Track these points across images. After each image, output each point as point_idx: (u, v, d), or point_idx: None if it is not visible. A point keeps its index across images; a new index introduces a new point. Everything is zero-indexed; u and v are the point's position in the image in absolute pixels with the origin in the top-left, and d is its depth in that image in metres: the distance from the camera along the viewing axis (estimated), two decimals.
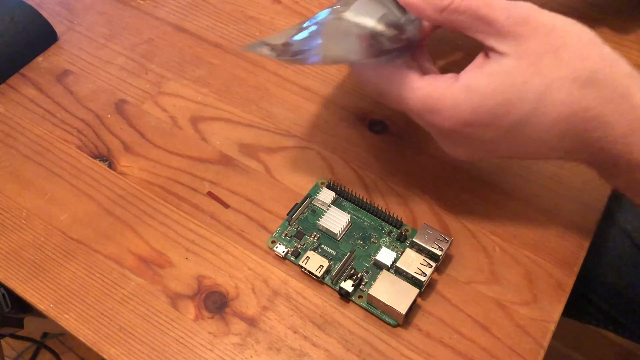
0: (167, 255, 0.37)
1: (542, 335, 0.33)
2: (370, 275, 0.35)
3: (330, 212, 0.37)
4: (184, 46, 0.49)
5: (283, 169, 0.40)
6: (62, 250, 0.38)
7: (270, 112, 0.44)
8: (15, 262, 0.37)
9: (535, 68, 0.28)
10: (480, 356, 0.32)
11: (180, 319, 0.34)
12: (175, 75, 0.47)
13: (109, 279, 0.36)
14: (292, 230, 0.37)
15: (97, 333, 0.34)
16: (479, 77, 0.29)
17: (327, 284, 0.35)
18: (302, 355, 0.33)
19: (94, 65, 0.48)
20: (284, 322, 0.34)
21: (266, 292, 0.35)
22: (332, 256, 0.36)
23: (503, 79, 0.28)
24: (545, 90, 0.28)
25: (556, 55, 0.28)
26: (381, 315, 0.33)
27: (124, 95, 0.46)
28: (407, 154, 0.41)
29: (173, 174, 0.41)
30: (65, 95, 0.46)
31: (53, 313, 0.35)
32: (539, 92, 0.28)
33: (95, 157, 0.42)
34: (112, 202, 0.40)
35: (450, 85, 0.30)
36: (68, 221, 0.39)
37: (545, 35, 0.28)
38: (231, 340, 0.33)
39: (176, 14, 0.51)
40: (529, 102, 0.28)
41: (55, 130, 0.44)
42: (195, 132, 0.43)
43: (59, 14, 0.52)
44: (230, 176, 0.40)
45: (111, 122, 0.44)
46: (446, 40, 0.47)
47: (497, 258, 0.36)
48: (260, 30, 0.49)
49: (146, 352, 0.33)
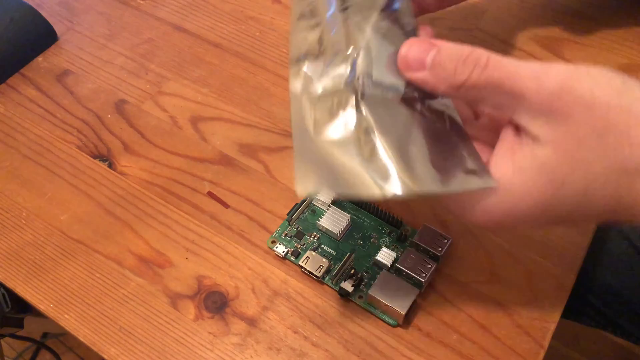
0: (167, 255, 0.37)
1: (542, 335, 0.33)
2: (370, 275, 0.35)
3: (330, 212, 0.37)
4: (184, 46, 0.49)
5: (283, 169, 0.40)
6: (62, 250, 0.38)
7: (270, 112, 0.44)
8: (15, 262, 0.37)
9: (575, 161, 0.23)
10: (480, 356, 0.32)
11: (180, 319, 0.34)
12: (175, 75, 0.47)
13: (109, 279, 0.36)
14: (292, 230, 0.37)
15: (97, 333, 0.34)
16: (512, 174, 0.25)
17: (327, 284, 0.35)
18: (302, 355, 0.33)
19: (94, 65, 0.48)
20: (284, 322, 0.34)
21: (266, 292, 0.35)
22: (332, 256, 0.36)
23: (539, 178, 0.24)
24: (587, 188, 0.23)
25: (600, 140, 0.23)
26: (381, 315, 0.33)
27: (124, 95, 0.46)
28: None
29: (173, 174, 0.41)
30: (65, 95, 0.46)
31: (53, 313, 0.35)
32: (581, 192, 0.24)
33: (95, 157, 0.42)
34: (112, 202, 0.40)
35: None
36: (68, 221, 0.39)
37: (584, 113, 0.23)
38: (231, 340, 0.33)
39: (176, 14, 0.51)
40: (570, 205, 0.24)
41: (55, 130, 0.44)
42: (195, 132, 0.43)
43: (58, 14, 0.52)
44: (230, 176, 0.40)
45: (111, 122, 0.44)
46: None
47: (497, 258, 0.36)
48: (261, 30, 0.49)
49: (146, 352, 0.33)
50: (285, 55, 0.47)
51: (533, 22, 0.48)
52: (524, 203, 0.25)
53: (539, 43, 0.46)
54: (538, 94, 0.23)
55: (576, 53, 0.45)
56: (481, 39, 0.47)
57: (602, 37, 0.46)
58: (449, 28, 0.48)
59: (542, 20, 0.48)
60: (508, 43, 0.47)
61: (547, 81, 0.23)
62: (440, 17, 0.49)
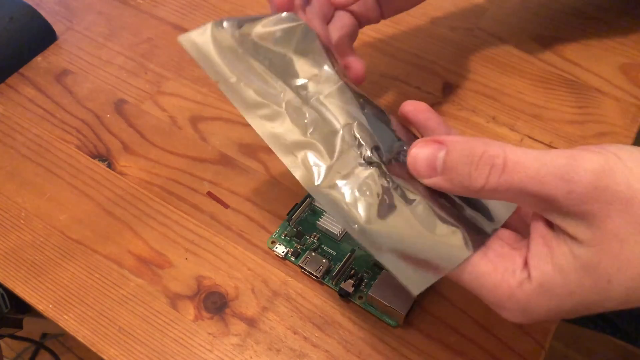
0: (166, 256, 0.37)
1: (542, 335, 0.33)
2: (370, 275, 0.35)
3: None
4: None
5: (283, 169, 0.40)
6: (62, 250, 0.37)
7: None
8: (15, 262, 0.37)
9: (619, 260, 0.22)
10: (480, 356, 0.32)
11: (180, 319, 0.34)
12: (174, 74, 0.47)
13: (108, 280, 0.36)
14: (292, 231, 0.37)
15: (97, 333, 0.34)
16: (553, 275, 0.23)
17: (327, 285, 0.35)
18: (302, 355, 0.33)
19: (93, 65, 0.48)
20: (284, 323, 0.34)
21: (266, 292, 0.35)
22: (332, 256, 0.36)
23: (582, 279, 0.22)
24: (633, 283, 0.22)
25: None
26: (381, 315, 0.33)
27: (123, 95, 0.46)
28: None
29: (172, 174, 0.41)
30: (65, 95, 0.46)
31: (52, 313, 0.35)
32: (627, 288, 0.22)
33: (94, 157, 0.42)
34: (112, 202, 0.39)
35: (521, 284, 0.24)
36: (67, 221, 0.39)
37: (624, 211, 0.21)
38: (231, 341, 0.33)
39: (176, 14, 0.51)
40: (615, 300, 0.23)
41: (55, 130, 0.44)
42: (194, 132, 0.43)
43: (58, 14, 0.52)
44: (230, 176, 0.40)
45: (110, 121, 0.44)
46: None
47: None
48: None
49: (145, 353, 0.33)
50: None
51: (533, 21, 0.48)
52: (570, 302, 0.23)
53: (539, 43, 0.46)
54: (570, 197, 0.21)
55: (576, 53, 0.45)
56: (481, 38, 0.47)
57: (602, 37, 0.46)
58: (449, 28, 0.48)
59: (542, 19, 0.48)
60: (508, 42, 0.47)
61: (579, 182, 0.21)
62: (440, 17, 0.49)
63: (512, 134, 0.41)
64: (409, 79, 0.45)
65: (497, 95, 0.44)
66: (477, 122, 0.42)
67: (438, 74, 0.45)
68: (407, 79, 0.45)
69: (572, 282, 0.22)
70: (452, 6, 0.50)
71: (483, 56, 0.46)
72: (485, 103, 0.43)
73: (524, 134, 0.41)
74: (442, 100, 0.43)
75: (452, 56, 0.46)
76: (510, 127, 0.42)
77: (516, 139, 0.41)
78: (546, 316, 0.24)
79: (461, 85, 0.44)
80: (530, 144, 0.40)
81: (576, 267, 0.22)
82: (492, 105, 0.43)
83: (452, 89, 0.44)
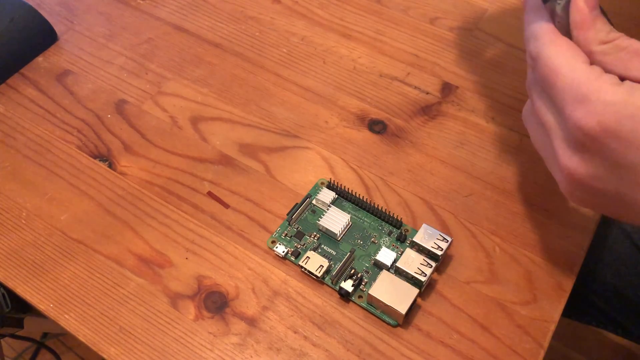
0: (167, 255, 0.37)
1: (542, 335, 0.33)
2: (370, 275, 0.35)
3: (330, 212, 0.37)
4: (184, 46, 0.49)
5: (283, 169, 0.40)
6: (62, 250, 0.38)
7: (270, 112, 0.44)
8: (15, 262, 0.37)
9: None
10: (480, 356, 0.32)
11: (180, 319, 0.34)
12: (175, 75, 0.47)
13: (109, 279, 0.36)
14: (292, 230, 0.37)
15: (97, 333, 0.34)
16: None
17: (327, 284, 0.35)
18: (302, 355, 0.33)
19: (94, 65, 0.48)
20: (284, 322, 0.34)
21: (266, 292, 0.35)
22: (332, 256, 0.36)
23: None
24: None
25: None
26: (381, 315, 0.33)
27: (124, 95, 0.46)
28: (407, 154, 0.41)
29: (173, 174, 0.41)
30: (65, 95, 0.46)
31: (53, 313, 0.35)
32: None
33: (95, 157, 0.42)
34: (112, 202, 0.40)
35: (614, 83, 0.25)
36: (68, 221, 0.39)
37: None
38: (231, 340, 0.33)
39: (176, 14, 0.51)
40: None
41: (55, 130, 0.44)
42: (195, 132, 0.43)
43: (58, 14, 0.52)
44: (230, 176, 0.40)
45: (111, 122, 0.44)
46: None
47: (497, 258, 0.36)
48: (260, 30, 0.49)
49: (146, 352, 0.33)
50: (285, 55, 0.47)
51: None
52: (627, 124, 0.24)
53: None
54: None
55: None
56: (481, 38, 0.47)
57: None
58: (449, 28, 0.48)
59: None
60: (508, 43, 0.47)
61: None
62: (440, 17, 0.49)
63: (512, 134, 0.41)
64: (409, 79, 0.45)
65: (496, 95, 0.44)
66: (477, 122, 0.42)
67: (437, 74, 0.45)
68: (407, 79, 0.45)
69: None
70: (452, 6, 0.50)
71: (483, 56, 0.46)
72: (485, 103, 0.43)
73: (524, 134, 0.41)
74: (442, 100, 0.44)
75: (451, 56, 0.46)
76: (510, 127, 0.42)
77: (516, 139, 0.41)
78: (619, 124, 0.24)
79: (461, 85, 0.44)
80: (531, 144, 0.40)
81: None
82: (491, 106, 0.43)
83: (451, 89, 0.44)
